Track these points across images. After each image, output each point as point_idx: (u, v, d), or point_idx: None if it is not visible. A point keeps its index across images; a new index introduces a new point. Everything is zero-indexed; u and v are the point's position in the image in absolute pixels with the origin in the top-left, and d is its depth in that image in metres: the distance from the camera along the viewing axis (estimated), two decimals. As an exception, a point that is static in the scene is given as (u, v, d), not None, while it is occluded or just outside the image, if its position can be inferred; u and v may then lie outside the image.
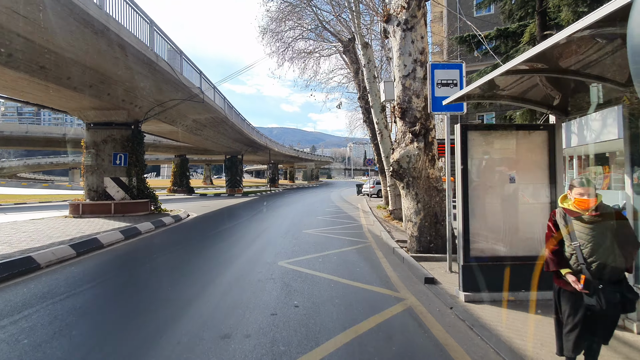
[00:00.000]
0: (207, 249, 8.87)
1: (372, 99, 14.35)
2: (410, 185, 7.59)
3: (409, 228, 7.83)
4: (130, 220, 13.52)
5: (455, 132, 4.96)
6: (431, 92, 6.42)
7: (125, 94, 14.16)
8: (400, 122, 7.65)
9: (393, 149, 7.71)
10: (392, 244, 8.70)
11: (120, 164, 15.71)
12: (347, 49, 19.75)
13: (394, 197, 14.45)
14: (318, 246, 8.97)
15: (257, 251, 8.46)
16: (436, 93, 6.42)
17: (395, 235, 10.25)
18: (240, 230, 12.27)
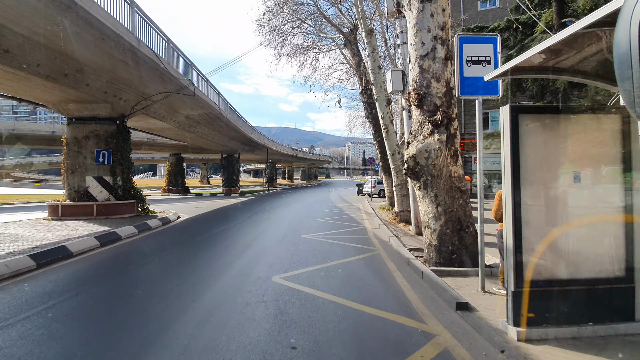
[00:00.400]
0: (192, 260, 7.68)
1: (377, 91, 13.17)
2: (429, 186, 6.42)
3: (426, 235, 6.66)
4: (112, 224, 12.31)
5: (501, 117, 3.79)
6: (459, 72, 5.25)
7: (108, 86, 12.95)
8: (417, 110, 6.48)
9: (408, 142, 6.53)
10: (404, 253, 7.53)
11: (104, 162, 14.49)
12: (348, 40, 18.59)
13: (401, 197, 13.30)
14: (319, 255, 7.80)
15: (248, 262, 7.28)
16: (465, 72, 5.25)
17: (406, 242, 9.08)
18: (233, 234, 11.09)
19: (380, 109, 13.27)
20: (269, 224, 13.59)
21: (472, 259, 6.35)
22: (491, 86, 5.23)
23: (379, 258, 7.58)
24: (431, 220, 6.50)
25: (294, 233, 11.04)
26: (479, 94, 5.22)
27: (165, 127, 22.26)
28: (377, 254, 7.95)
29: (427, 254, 6.71)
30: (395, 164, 13.26)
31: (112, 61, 11.20)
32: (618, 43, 1.36)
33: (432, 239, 6.52)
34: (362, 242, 9.46)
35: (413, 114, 6.63)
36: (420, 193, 6.63)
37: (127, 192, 15.11)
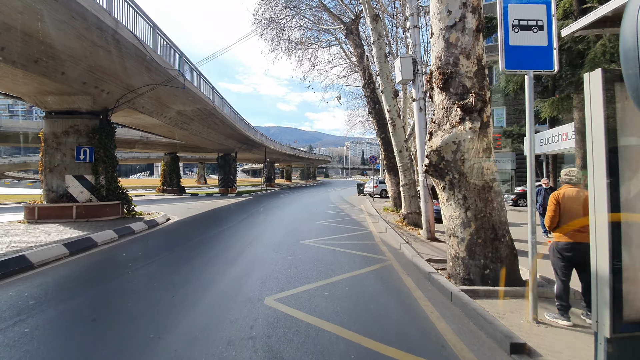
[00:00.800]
0: (171, 273, 6.50)
1: (383, 82, 12.02)
2: (456, 186, 5.27)
3: (451, 246, 5.51)
4: (91, 228, 11.13)
5: (588, 87, 2.64)
6: (504, 40, 4.09)
7: (87, 75, 11.76)
8: (442, 94, 5.33)
9: (430, 133, 5.38)
10: (422, 265, 6.37)
11: (85, 160, 13.29)
12: (350, 31, 17.43)
13: (409, 198, 12.16)
14: (321, 266, 6.64)
15: (238, 276, 6.11)
16: (511, 40, 4.09)
17: (419, 249, 7.94)
18: (224, 240, 9.92)
19: (386, 102, 12.12)
20: (265, 227, 12.42)
21: (510, 276, 5.21)
22: (544, 57, 4.09)
23: (392, 271, 6.42)
24: (458, 227, 5.35)
25: (292, 238, 9.88)
26: (529, 67, 4.07)
27: (155, 124, 21.05)
28: (388, 265, 6.79)
29: (452, 267, 5.56)
30: (402, 162, 12.11)
31: (89, 46, 10.01)
32: (624, 38, 1.30)
33: (459, 250, 5.37)
34: (370, 250, 8.31)
35: (436, 98, 5.48)
36: (444, 194, 5.47)
37: (111, 193, 13.91)
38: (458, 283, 5.36)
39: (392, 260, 7.18)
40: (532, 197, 4.00)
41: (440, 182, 5.43)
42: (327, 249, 8.41)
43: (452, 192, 5.33)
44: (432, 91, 5.57)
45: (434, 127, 5.32)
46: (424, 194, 10.00)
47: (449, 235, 5.56)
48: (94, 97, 12.93)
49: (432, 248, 8.37)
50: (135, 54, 11.11)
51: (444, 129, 5.18)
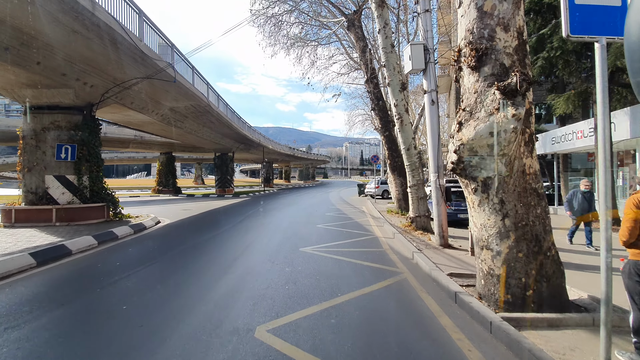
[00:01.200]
0: (146, 292, 5.49)
1: (389, 74, 11.05)
2: (492, 187, 4.30)
3: (483, 260, 4.54)
4: (69, 233, 10.12)
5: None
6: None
7: (67, 66, 10.75)
8: (474, 75, 4.35)
9: (459, 123, 4.40)
10: (443, 280, 5.40)
11: (67, 159, 12.28)
12: (352, 23, 16.46)
13: (417, 200, 11.18)
14: (324, 282, 5.66)
15: (225, 295, 5.12)
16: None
17: (434, 258, 6.97)
18: (215, 247, 8.95)
19: (393, 95, 11.15)
20: (261, 231, 11.43)
21: (557, 298, 4.25)
22: (618, 21, 3.12)
23: (408, 287, 5.44)
24: (493, 238, 4.38)
25: (290, 245, 8.90)
26: (601, 32, 3.10)
27: (147, 121, 20.01)
28: (403, 280, 5.82)
29: (484, 286, 4.59)
30: (410, 161, 11.14)
31: (65, 32, 9.00)
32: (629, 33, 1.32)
33: (495, 265, 4.40)
34: (378, 259, 7.33)
35: (465, 81, 4.50)
36: (474, 198, 4.50)
37: (95, 194, 12.90)
38: (493, 306, 4.40)
39: (406, 273, 6.20)
40: (607, 202, 3.03)
41: (471, 183, 4.45)
42: (330, 258, 7.43)
43: (486, 196, 4.36)
44: (461, 72, 4.60)
45: (465, 116, 4.34)
46: (436, 196, 9.04)
47: (481, 248, 4.59)
48: (75, 90, 11.91)
49: (448, 257, 7.40)
50: (118, 42, 10.11)
51: (477, 117, 4.21)
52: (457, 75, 4.70)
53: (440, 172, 9.08)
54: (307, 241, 9.46)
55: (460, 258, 7.38)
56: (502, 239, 4.35)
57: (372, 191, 27.50)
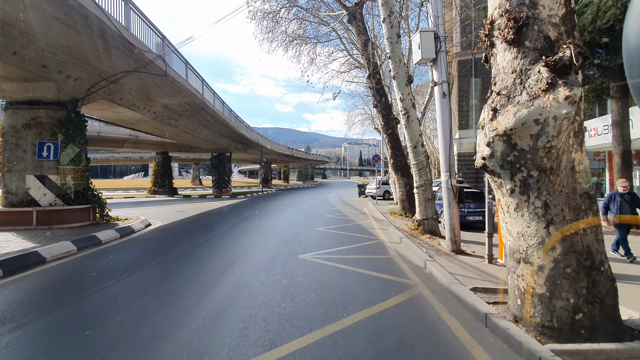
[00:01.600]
0: (117, 312, 4.68)
1: (395, 66, 10.27)
2: (533, 187, 3.52)
3: (520, 276, 3.76)
4: (47, 238, 9.30)
5: None
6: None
7: (47, 57, 9.93)
8: (512, 50, 3.57)
9: (494, 109, 3.61)
10: (467, 297, 4.61)
11: (49, 157, 11.47)
12: (353, 16, 15.70)
13: (424, 202, 10.40)
14: (327, 298, 4.86)
15: (208, 319, 4.31)
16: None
17: (449, 267, 6.19)
18: (206, 253, 8.15)
19: (399, 89, 10.37)
20: (257, 235, 10.62)
21: (610, 322, 3.47)
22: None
23: (426, 305, 4.65)
24: (534, 249, 3.60)
25: (288, 251, 8.10)
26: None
27: (139, 119, 19.19)
28: (418, 295, 5.03)
29: (520, 307, 3.81)
30: (418, 159, 10.36)
31: (41, 18, 8.18)
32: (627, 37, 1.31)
33: (536, 283, 3.62)
34: (387, 269, 6.54)
35: (499, 58, 3.72)
36: (510, 201, 3.72)
37: (80, 195, 12.07)
38: (533, 332, 3.62)
39: (421, 286, 5.41)
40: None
41: (507, 183, 3.67)
42: (333, 267, 6.64)
43: (526, 198, 3.58)
44: (492, 49, 3.82)
45: (500, 101, 3.56)
46: (447, 197, 8.27)
47: (517, 261, 3.81)
48: (58, 84, 11.10)
49: (463, 266, 6.62)
50: (102, 30, 9.30)
51: (517, 101, 3.42)
52: (488, 52, 3.92)
53: (452, 171, 8.31)
54: (306, 246, 8.67)
55: (477, 266, 6.61)
56: (545, 250, 3.57)
57: (373, 192, 26.72)
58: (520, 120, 3.34)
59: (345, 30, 20.58)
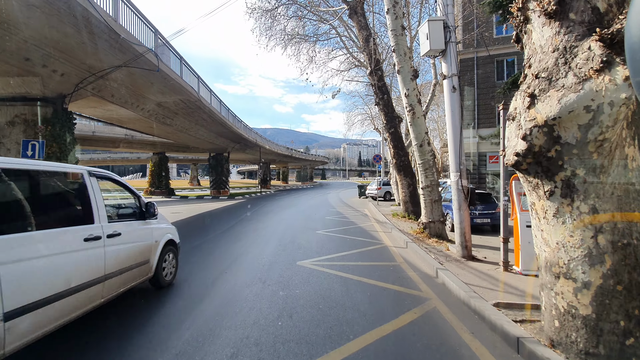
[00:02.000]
0: (85, 340, 4.09)
1: (400, 59, 9.69)
2: (579, 189, 2.94)
3: (559, 294, 3.18)
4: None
5: None
6: None
7: (30, 49, 9.34)
8: (552, 26, 2.98)
9: (532, 94, 3.02)
10: (493, 316, 4.01)
11: (34, 156, 10.83)
12: (354, 11, 15.13)
13: (430, 204, 9.81)
14: (329, 314, 4.27)
15: (190, 341, 3.71)
16: None
17: (460, 274, 5.60)
18: (196, 261, 7.55)
19: (404, 84, 9.79)
20: (253, 238, 10.02)
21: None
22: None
23: (443, 324, 4.05)
24: (579, 263, 3.02)
25: (286, 257, 7.51)
26: None
27: (133, 118, 18.58)
28: (433, 311, 4.43)
29: (559, 329, 3.23)
30: (423, 158, 9.77)
31: (19, 5, 7.60)
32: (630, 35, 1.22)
33: (579, 302, 3.04)
34: (394, 278, 5.95)
35: (536, 36, 3.14)
36: (549, 205, 3.13)
37: (67, 196, 11.44)
38: (574, 359, 3.04)
39: (435, 300, 4.81)
40: None
41: (546, 184, 3.08)
42: (335, 275, 6.04)
43: (569, 201, 2.99)
44: (527, 25, 3.23)
45: (540, 84, 2.97)
46: (457, 199, 7.69)
47: (556, 276, 3.22)
48: (43, 79, 10.50)
49: (478, 274, 6.04)
50: (87, 20, 8.71)
51: (562, 85, 2.83)
52: (520, 30, 3.33)
53: (463, 170, 7.73)
54: (306, 252, 8.08)
55: (493, 275, 6.03)
56: (592, 264, 2.98)
57: (374, 193, 26.15)
58: (566, 108, 2.75)
59: (345, 28, 20.03)
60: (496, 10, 14.91)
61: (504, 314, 4.01)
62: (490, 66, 24.58)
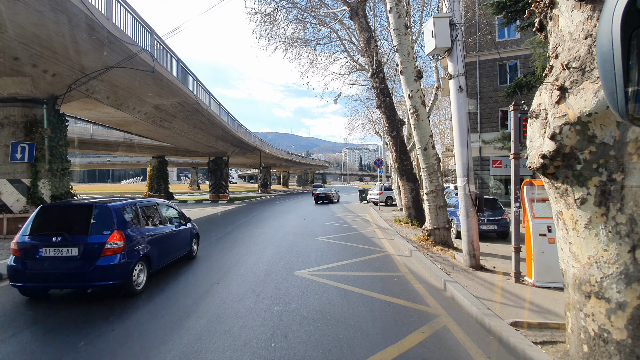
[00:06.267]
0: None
1: (403, 60, 9.34)
2: (614, 197, 2.54)
3: (589, 315, 2.77)
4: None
5: None
6: None
7: (18, 48, 8.99)
8: (581, 9, 2.59)
9: (561, 87, 2.62)
10: (512, 338, 3.59)
11: (23, 159, 10.48)
12: (355, 12, 14.82)
13: (435, 210, 9.41)
14: (328, 336, 3.86)
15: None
16: None
17: (470, 287, 5.19)
18: (186, 270, 7.13)
19: (407, 85, 9.42)
20: (250, 245, 9.61)
21: None
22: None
23: (456, 346, 3.63)
24: (613, 281, 2.61)
25: (284, 266, 7.10)
26: None
27: (129, 120, 18.22)
28: (443, 330, 4.01)
29: (586, 354, 2.82)
30: (428, 162, 9.38)
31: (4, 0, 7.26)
32: (600, 42, 1.19)
33: (612, 325, 2.63)
34: (399, 291, 5.53)
35: (564, 21, 2.75)
36: (579, 214, 2.73)
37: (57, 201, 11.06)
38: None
39: (444, 317, 4.39)
40: None
41: (577, 190, 2.68)
42: (335, 287, 5.63)
43: (604, 211, 2.59)
44: (552, 10, 2.85)
45: (572, 76, 2.58)
46: (465, 206, 7.29)
47: (586, 295, 2.81)
48: (33, 79, 10.16)
49: (488, 286, 5.62)
50: (78, 18, 8.36)
51: (597, 75, 2.45)
52: (543, 16, 2.95)
53: (470, 175, 7.34)
54: (304, 260, 7.67)
55: (504, 287, 5.61)
56: (629, 283, 2.57)
57: (375, 198, 25.74)
58: (604, 102, 2.36)
59: (346, 31, 19.75)
60: (500, 11, 14.65)
61: (523, 335, 3.60)
62: (492, 70, 24.28)
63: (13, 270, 4.96)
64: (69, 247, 4.91)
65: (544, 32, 3.03)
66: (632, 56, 1.21)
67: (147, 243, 5.82)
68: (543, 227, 5.78)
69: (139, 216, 5.98)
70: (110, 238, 5.02)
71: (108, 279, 4.92)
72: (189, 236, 7.87)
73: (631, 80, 1.20)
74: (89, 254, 4.91)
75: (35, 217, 5.23)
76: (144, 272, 5.67)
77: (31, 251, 4.96)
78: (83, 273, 4.86)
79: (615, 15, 1.17)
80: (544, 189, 5.76)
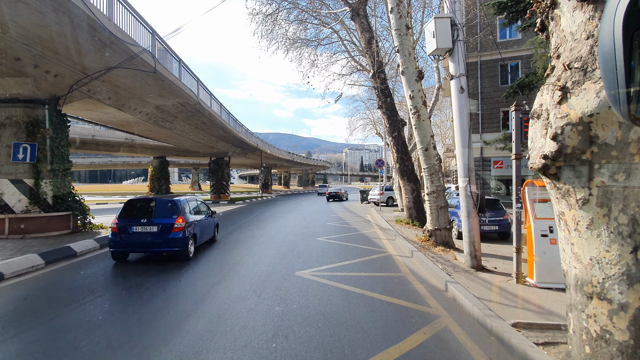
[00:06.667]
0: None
1: (404, 60, 9.33)
2: (616, 197, 2.53)
3: (592, 317, 2.76)
4: (15, 249, 8.31)
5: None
6: None
7: (20, 49, 9.01)
8: (583, 9, 2.58)
9: (563, 87, 2.61)
10: (514, 340, 3.58)
11: (25, 159, 10.50)
12: (356, 12, 14.82)
13: (436, 210, 9.40)
14: (329, 337, 3.85)
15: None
16: None
17: (471, 287, 5.19)
18: (187, 270, 7.14)
19: (408, 85, 9.42)
20: (251, 246, 9.62)
21: None
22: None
23: (457, 347, 3.62)
24: (615, 282, 2.61)
25: (285, 267, 7.10)
26: None
27: (131, 121, 18.26)
28: (445, 332, 4.00)
29: (587, 355, 2.81)
30: (429, 163, 9.38)
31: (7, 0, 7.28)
32: (602, 42, 1.23)
33: (614, 326, 2.62)
34: (400, 291, 5.52)
35: (565, 22, 2.75)
36: (581, 215, 2.72)
37: (60, 202, 11.09)
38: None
39: (446, 317, 4.39)
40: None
41: (578, 191, 2.68)
42: (336, 288, 5.63)
43: (606, 211, 2.59)
44: (553, 10, 2.85)
45: (573, 76, 2.58)
46: (466, 206, 7.28)
47: (588, 296, 2.80)
48: (35, 80, 10.18)
49: (489, 287, 5.62)
50: (80, 19, 8.38)
51: (599, 75, 2.44)
52: (545, 16, 2.95)
53: (472, 175, 7.33)
54: (305, 260, 7.67)
55: (505, 288, 5.60)
56: (631, 283, 2.57)
57: (376, 198, 25.74)
58: (606, 102, 2.36)
59: (347, 32, 19.75)
60: (501, 12, 14.65)
61: (525, 336, 3.59)
62: (494, 70, 24.25)
63: (113, 241, 7.49)
64: (152, 225, 7.54)
65: (546, 32, 3.02)
66: (633, 56, 1.20)
67: (194, 226, 8.22)
68: (545, 227, 5.77)
69: (190, 208, 8.47)
70: (177, 220, 7.61)
71: (175, 246, 7.50)
72: (213, 225, 10.23)
73: (633, 81, 1.20)
74: (164, 230, 7.48)
75: (125, 207, 7.90)
76: (193, 245, 8.12)
77: (126, 228, 7.48)
78: (160, 242, 7.44)
79: (617, 16, 1.19)
80: (545, 190, 5.75)
